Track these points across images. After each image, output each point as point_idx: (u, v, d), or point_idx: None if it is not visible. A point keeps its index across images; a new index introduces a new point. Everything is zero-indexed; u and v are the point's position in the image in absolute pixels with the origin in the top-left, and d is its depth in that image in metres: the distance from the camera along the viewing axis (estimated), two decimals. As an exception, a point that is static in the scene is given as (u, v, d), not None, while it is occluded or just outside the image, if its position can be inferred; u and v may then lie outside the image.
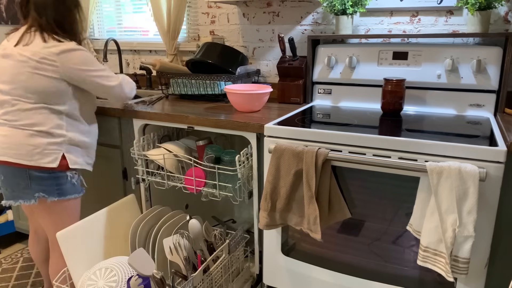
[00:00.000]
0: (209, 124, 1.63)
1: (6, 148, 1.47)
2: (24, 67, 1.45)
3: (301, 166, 1.37)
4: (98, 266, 1.41)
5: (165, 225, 1.61)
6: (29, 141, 1.47)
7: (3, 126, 1.49)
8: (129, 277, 1.36)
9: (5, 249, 2.43)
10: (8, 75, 1.47)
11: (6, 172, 1.51)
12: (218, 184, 1.61)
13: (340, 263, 1.50)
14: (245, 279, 1.79)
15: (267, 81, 2.24)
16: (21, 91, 1.47)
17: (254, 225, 1.69)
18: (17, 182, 1.50)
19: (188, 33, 2.42)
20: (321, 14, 2.02)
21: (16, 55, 1.46)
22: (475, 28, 1.62)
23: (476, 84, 1.66)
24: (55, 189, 1.54)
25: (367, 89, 1.86)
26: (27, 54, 1.45)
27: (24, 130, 1.47)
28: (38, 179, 1.50)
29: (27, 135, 1.47)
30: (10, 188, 1.53)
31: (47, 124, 1.49)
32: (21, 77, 1.45)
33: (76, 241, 1.50)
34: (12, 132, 1.47)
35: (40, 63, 1.45)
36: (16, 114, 1.47)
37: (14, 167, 1.49)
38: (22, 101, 1.47)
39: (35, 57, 1.45)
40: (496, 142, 1.25)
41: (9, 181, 1.51)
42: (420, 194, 1.26)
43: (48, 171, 1.51)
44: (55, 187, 1.53)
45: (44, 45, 1.45)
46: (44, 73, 1.46)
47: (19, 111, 1.47)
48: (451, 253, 1.21)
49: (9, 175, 1.51)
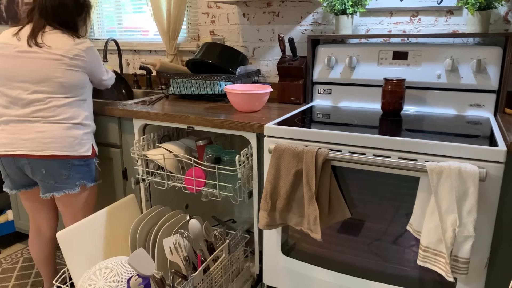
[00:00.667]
0: (209, 124, 1.63)
1: (48, 142, 1.56)
2: (59, 64, 1.56)
3: (301, 166, 1.37)
4: (98, 266, 1.41)
5: (165, 225, 1.61)
6: (69, 133, 1.59)
7: (37, 123, 1.56)
8: (129, 277, 1.36)
9: (5, 249, 2.43)
10: (38, 74, 1.55)
11: (49, 165, 1.58)
12: (218, 184, 1.61)
13: (340, 263, 1.50)
14: (245, 279, 1.79)
15: (267, 81, 2.24)
16: (56, 88, 1.57)
17: (254, 225, 1.69)
18: (60, 173, 1.60)
19: (188, 33, 2.42)
20: (321, 14, 2.02)
21: (41, 53, 1.55)
22: (475, 28, 1.62)
23: (476, 84, 1.66)
24: (90, 175, 1.70)
25: (367, 89, 1.86)
26: (59, 52, 1.56)
27: (63, 124, 1.59)
28: (78, 168, 1.64)
29: (66, 128, 1.59)
30: (53, 180, 1.61)
31: (79, 117, 1.63)
32: (56, 73, 1.56)
33: (76, 241, 1.50)
34: (51, 127, 1.57)
35: (74, 60, 1.58)
36: (52, 110, 1.57)
37: (59, 160, 1.59)
38: (56, 97, 1.58)
39: (68, 54, 1.57)
40: (496, 142, 1.25)
41: (51, 173, 1.60)
42: (420, 194, 1.26)
43: (84, 159, 1.65)
44: (89, 174, 1.69)
45: (73, 43, 1.59)
46: (76, 68, 1.60)
47: (54, 107, 1.57)
48: (451, 253, 1.21)
49: (52, 167, 1.59)
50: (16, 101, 1.56)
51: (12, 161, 1.59)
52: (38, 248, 1.83)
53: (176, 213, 1.73)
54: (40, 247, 1.83)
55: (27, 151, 1.55)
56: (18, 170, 1.61)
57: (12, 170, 1.62)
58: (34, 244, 1.83)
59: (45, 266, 1.86)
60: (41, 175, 1.59)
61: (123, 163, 1.93)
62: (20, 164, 1.59)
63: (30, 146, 1.55)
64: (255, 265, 1.75)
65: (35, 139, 1.55)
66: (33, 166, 1.57)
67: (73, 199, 1.68)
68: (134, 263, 1.23)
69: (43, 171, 1.58)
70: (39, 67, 1.54)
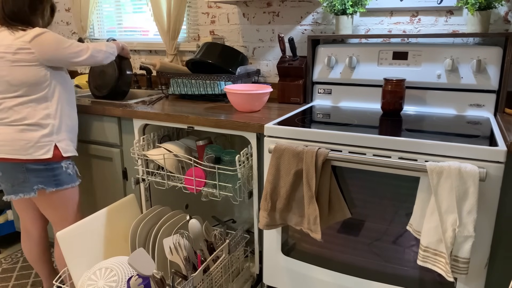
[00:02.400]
0: (209, 124, 1.63)
1: (1, 146, 1.53)
2: (2, 62, 1.49)
3: (301, 166, 1.37)
4: (98, 266, 1.41)
5: (165, 225, 1.61)
6: (22, 136, 1.53)
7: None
8: (129, 277, 1.36)
9: (5, 249, 2.43)
10: None
11: (4, 168, 1.57)
12: (218, 184, 1.61)
13: (340, 263, 1.50)
14: (245, 279, 1.79)
15: (267, 81, 2.24)
16: (5, 87, 1.51)
17: (254, 225, 1.69)
18: (16, 177, 1.56)
19: (188, 33, 2.42)
20: (321, 14, 2.02)
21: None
22: (475, 28, 1.62)
23: (476, 84, 1.66)
24: (52, 180, 1.60)
25: (367, 89, 1.86)
26: (0, 49, 1.49)
27: (15, 126, 1.54)
28: (35, 172, 1.56)
29: (19, 130, 1.53)
30: (9, 183, 1.58)
31: (35, 117, 1.55)
32: (2, 72, 1.50)
33: (76, 241, 1.50)
34: (3, 130, 1.53)
35: (17, 54, 1.49)
36: (4, 111, 1.53)
37: (12, 163, 1.55)
38: (7, 98, 1.52)
39: (10, 50, 1.49)
40: (496, 142, 1.25)
41: (8, 176, 1.57)
42: (420, 194, 1.26)
43: (43, 163, 1.57)
44: (52, 178, 1.60)
45: (14, 37, 1.50)
46: (23, 63, 1.50)
47: (6, 108, 1.53)
48: (451, 253, 1.21)
49: (7, 170, 1.56)
50: None
51: None
52: (28, 247, 1.83)
53: (176, 213, 1.73)
54: (29, 246, 1.83)
55: None
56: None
57: None
58: (25, 244, 1.84)
59: (39, 266, 1.86)
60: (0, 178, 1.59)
61: (123, 163, 1.93)
62: None
63: None
64: (255, 265, 1.75)
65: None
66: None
67: (43, 202, 1.64)
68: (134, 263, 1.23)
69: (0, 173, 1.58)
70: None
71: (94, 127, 1.93)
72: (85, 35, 2.66)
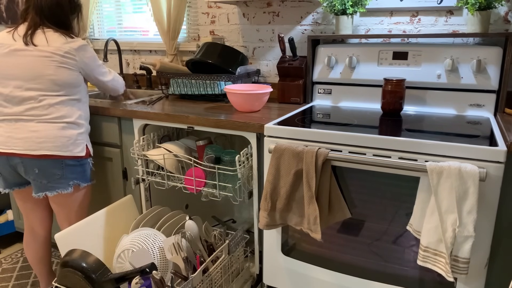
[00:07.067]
0: (209, 124, 1.62)
1: (42, 142, 1.56)
2: (50, 61, 1.56)
3: (301, 166, 1.37)
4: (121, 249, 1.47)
5: (165, 225, 1.61)
6: (63, 133, 1.59)
7: (30, 122, 1.57)
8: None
9: (5, 249, 2.43)
10: (29, 71, 1.55)
11: (42, 165, 1.58)
12: (218, 184, 1.61)
13: (340, 263, 1.50)
14: (245, 279, 1.79)
15: (267, 81, 2.24)
16: (49, 85, 1.57)
17: (254, 225, 1.69)
18: (53, 173, 1.60)
19: (188, 33, 2.42)
20: (321, 14, 2.02)
21: (33, 51, 1.55)
22: (475, 28, 1.62)
23: (476, 84, 1.66)
24: (84, 176, 1.69)
25: (367, 89, 1.86)
26: (50, 49, 1.56)
27: (56, 124, 1.59)
28: (71, 168, 1.64)
29: (60, 127, 1.59)
30: (46, 179, 1.61)
31: (73, 116, 1.63)
32: (48, 71, 1.56)
33: (75, 242, 1.50)
34: (44, 127, 1.57)
35: (64, 57, 1.58)
36: (45, 108, 1.57)
37: (52, 159, 1.58)
38: (49, 95, 1.58)
39: (59, 52, 1.57)
40: (496, 142, 1.25)
41: (45, 173, 1.60)
42: (420, 194, 1.26)
43: (78, 159, 1.65)
44: (83, 174, 1.69)
45: (64, 41, 1.59)
46: (68, 66, 1.60)
47: (47, 105, 1.57)
48: (451, 253, 1.21)
49: (46, 167, 1.59)
50: (9, 99, 1.56)
51: (6, 160, 1.59)
52: (33, 248, 1.83)
53: (176, 213, 1.73)
54: (35, 247, 1.83)
55: (21, 150, 1.55)
56: (11, 169, 1.61)
57: (5, 169, 1.62)
58: (29, 245, 1.83)
59: (40, 267, 1.86)
60: (34, 175, 1.59)
61: (123, 163, 1.93)
62: (13, 163, 1.59)
63: (24, 146, 1.55)
64: (255, 265, 1.75)
65: (29, 138, 1.55)
66: (26, 166, 1.58)
67: (67, 199, 1.68)
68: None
69: (36, 170, 1.59)
70: (30, 65, 1.55)
71: (94, 127, 1.93)
72: (85, 35, 2.66)
